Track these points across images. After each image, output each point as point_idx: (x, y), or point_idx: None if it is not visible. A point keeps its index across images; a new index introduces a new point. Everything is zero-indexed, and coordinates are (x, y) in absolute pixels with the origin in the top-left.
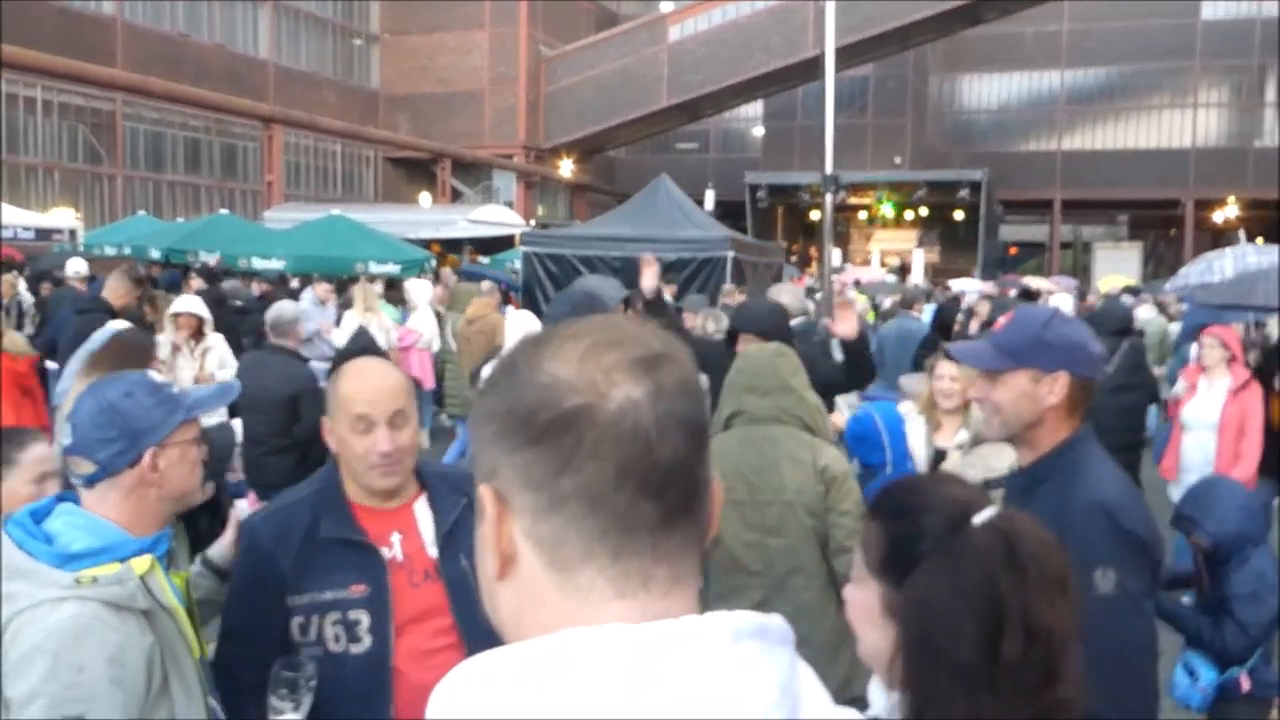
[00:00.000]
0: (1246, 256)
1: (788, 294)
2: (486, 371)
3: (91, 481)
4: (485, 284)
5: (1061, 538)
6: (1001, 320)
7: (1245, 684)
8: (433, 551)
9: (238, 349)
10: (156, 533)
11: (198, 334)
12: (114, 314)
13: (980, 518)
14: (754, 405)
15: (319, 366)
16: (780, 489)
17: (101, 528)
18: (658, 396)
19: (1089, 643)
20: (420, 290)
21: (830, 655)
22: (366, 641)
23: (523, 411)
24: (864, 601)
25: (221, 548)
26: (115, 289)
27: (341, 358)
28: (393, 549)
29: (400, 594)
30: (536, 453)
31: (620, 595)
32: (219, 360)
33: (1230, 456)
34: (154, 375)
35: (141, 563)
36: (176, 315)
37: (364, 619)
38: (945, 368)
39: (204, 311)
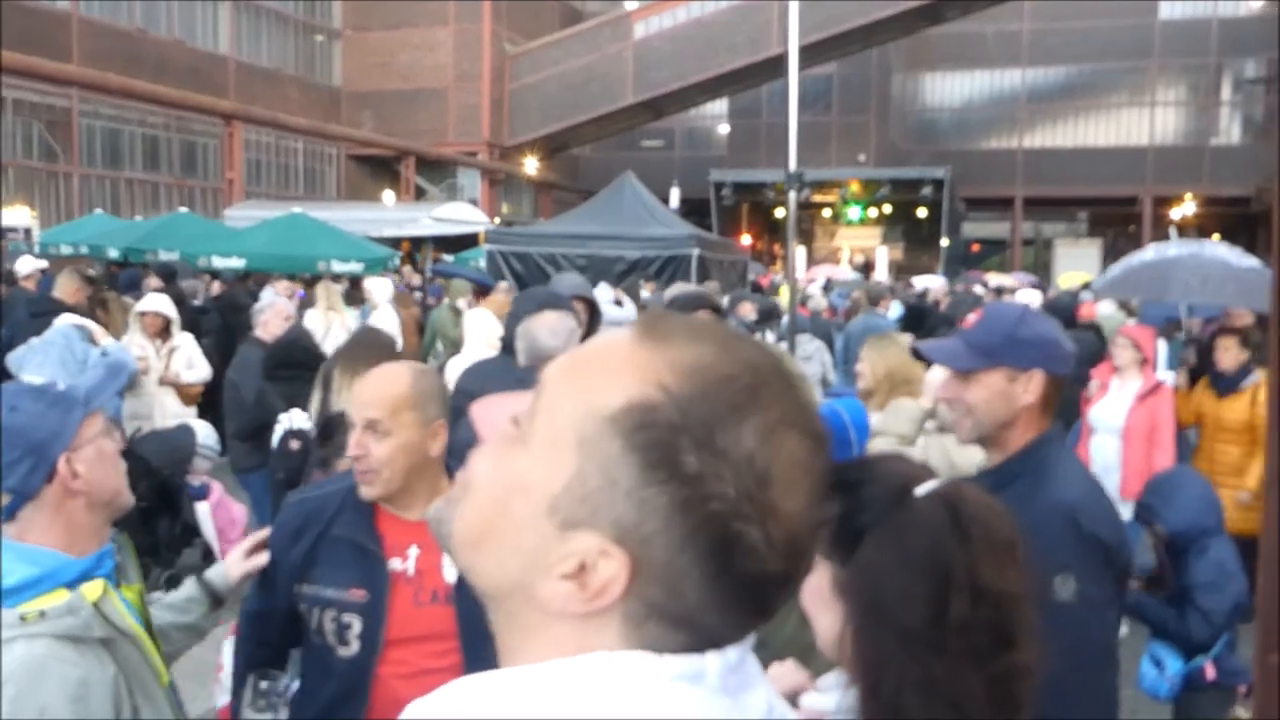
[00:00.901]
0: (1168, 250)
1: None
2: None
3: (12, 511)
4: (503, 284)
5: (1026, 540)
6: (971, 318)
7: (1211, 672)
8: (450, 575)
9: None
10: (98, 550)
11: (164, 334)
12: (69, 312)
13: (924, 488)
14: None
15: None
16: None
17: (35, 554)
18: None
19: (1046, 650)
20: (381, 289)
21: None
22: (354, 647)
23: (704, 500)
24: (814, 585)
25: (223, 571)
26: (66, 287)
27: (351, 346)
28: (406, 561)
29: (400, 609)
30: (691, 545)
31: (625, 644)
32: (186, 360)
33: (1137, 465)
34: (31, 378)
35: (93, 588)
36: (142, 314)
37: (356, 624)
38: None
39: (171, 311)
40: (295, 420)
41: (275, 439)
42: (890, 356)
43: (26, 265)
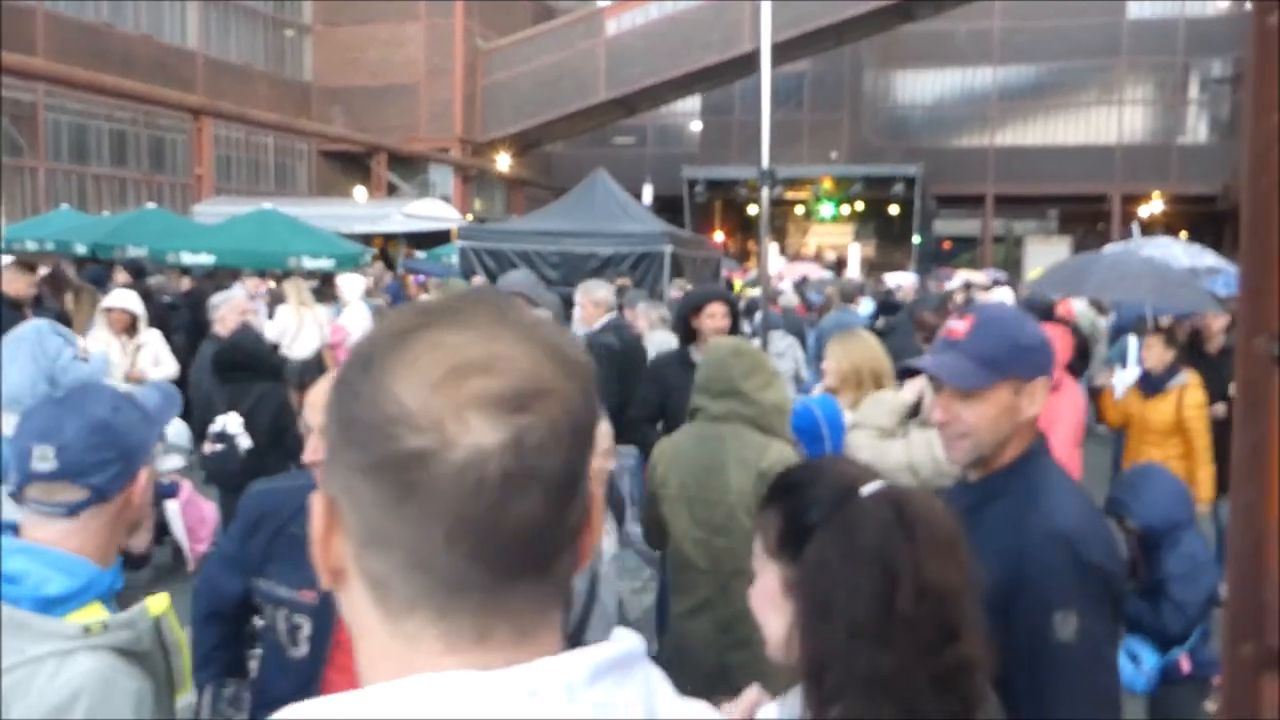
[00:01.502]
0: (1116, 247)
1: (601, 289)
2: None
3: (76, 510)
4: (477, 280)
5: (1017, 568)
6: (960, 326)
7: (1186, 665)
8: None
9: (170, 345)
10: (116, 562)
11: (131, 330)
12: (17, 307)
13: (868, 488)
14: (707, 405)
15: None
16: (725, 489)
17: (74, 564)
18: (517, 448)
19: (1045, 690)
20: (353, 285)
21: (770, 662)
22: (304, 649)
23: (360, 434)
24: (764, 587)
25: None
26: (12, 281)
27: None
28: None
29: None
30: (367, 483)
31: (451, 650)
32: (153, 357)
33: None
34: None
35: (158, 602)
36: (109, 310)
37: (306, 626)
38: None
39: (138, 307)
40: (229, 424)
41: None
42: (855, 352)
43: None
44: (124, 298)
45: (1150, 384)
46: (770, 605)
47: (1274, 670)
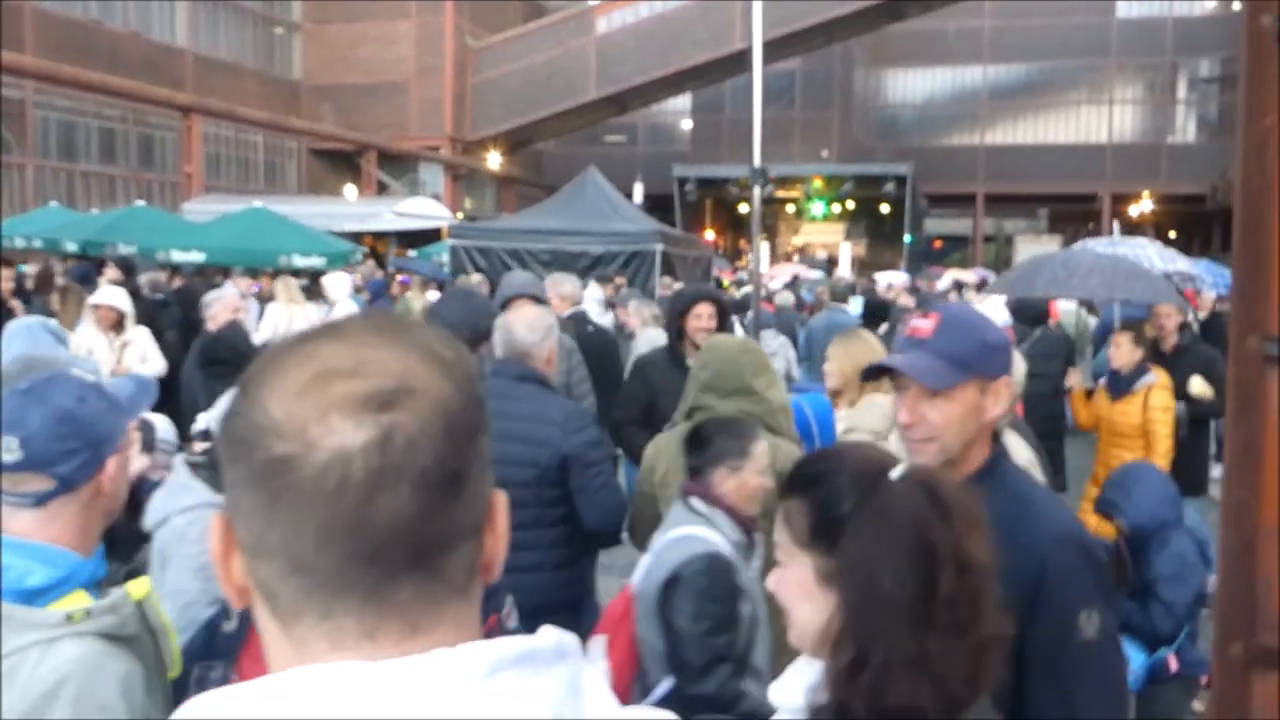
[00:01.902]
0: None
1: (568, 283)
2: None
3: (44, 500)
4: (476, 276)
5: (1037, 574)
6: (925, 325)
7: (1173, 664)
8: None
9: (161, 343)
10: (97, 550)
11: (118, 327)
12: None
13: (895, 472)
14: (713, 404)
15: None
16: None
17: (54, 554)
18: (383, 446)
19: (1072, 689)
20: (339, 284)
21: (773, 657)
22: (234, 622)
23: (237, 447)
24: (795, 578)
25: None
26: None
27: None
28: None
29: None
30: (247, 494)
31: (337, 648)
32: (140, 355)
33: None
34: (81, 374)
35: (139, 586)
36: (96, 307)
37: None
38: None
39: (125, 305)
40: (213, 421)
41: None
42: (857, 354)
43: None
44: (111, 294)
45: (1117, 385)
46: (802, 596)
47: (1264, 668)
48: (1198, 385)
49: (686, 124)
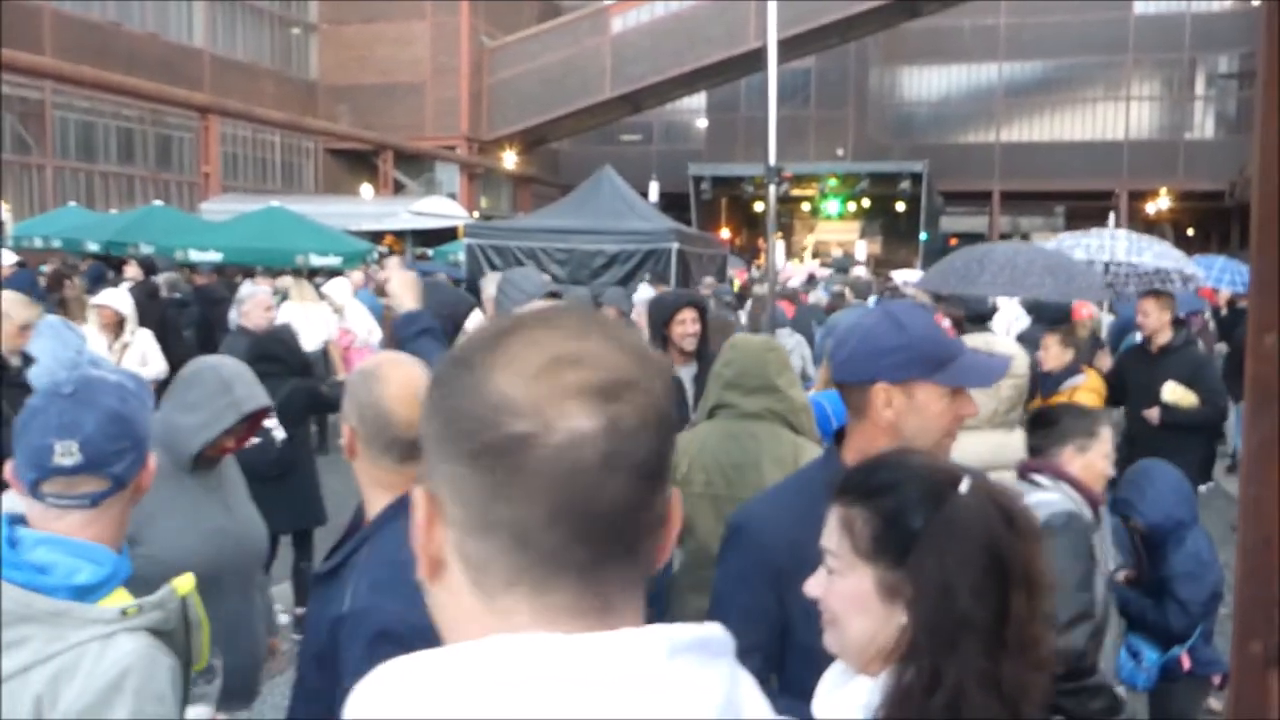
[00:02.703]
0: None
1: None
2: None
3: (99, 500)
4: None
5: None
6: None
7: (1186, 663)
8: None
9: (179, 342)
10: (124, 547)
11: (118, 328)
12: None
13: (965, 484)
14: (737, 401)
15: None
16: (759, 486)
17: (98, 552)
18: (612, 433)
19: None
20: (340, 289)
21: None
22: None
23: (464, 423)
24: (853, 589)
25: None
26: None
27: None
28: None
29: None
30: (471, 470)
31: (542, 621)
32: (140, 357)
33: None
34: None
35: (185, 582)
36: (97, 308)
37: None
38: None
39: (125, 307)
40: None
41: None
42: None
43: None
44: (112, 296)
45: (1046, 385)
46: (857, 608)
47: None
48: (1170, 392)
49: (702, 123)
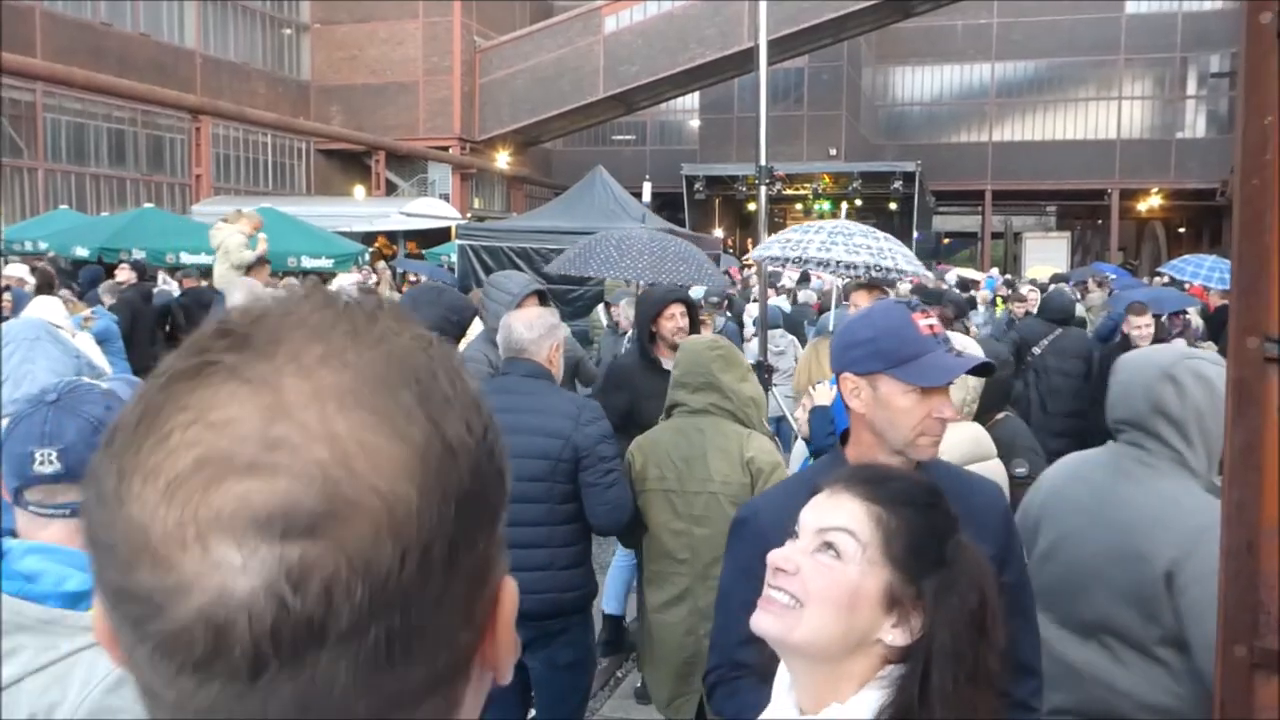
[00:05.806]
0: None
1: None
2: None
3: (79, 510)
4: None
5: (1004, 542)
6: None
7: None
8: None
9: (172, 344)
10: None
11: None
12: None
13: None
14: (686, 399)
15: None
16: (706, 479)
17: (82, 559)
18: (283, 595)
19: (1028, 627)
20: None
21: None
22: None
23: (102, 540)
24: (856, 582)
25: None
26: None
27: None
28: None
29: None
30: (107, 606)
31: None
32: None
33: None
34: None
35: None
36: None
37: None
38: None
39: (59, 317)
40: None
41: None
42: (827, 361)
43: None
44: (45, 304)
45: None
46: (850, 603)
47: (1267, 671)
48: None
49: (695, 123)
